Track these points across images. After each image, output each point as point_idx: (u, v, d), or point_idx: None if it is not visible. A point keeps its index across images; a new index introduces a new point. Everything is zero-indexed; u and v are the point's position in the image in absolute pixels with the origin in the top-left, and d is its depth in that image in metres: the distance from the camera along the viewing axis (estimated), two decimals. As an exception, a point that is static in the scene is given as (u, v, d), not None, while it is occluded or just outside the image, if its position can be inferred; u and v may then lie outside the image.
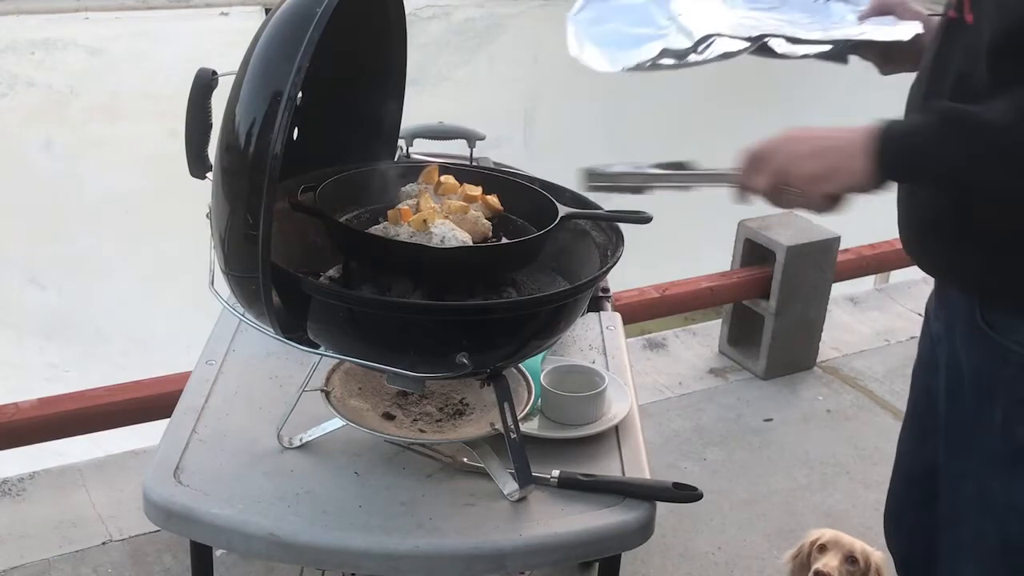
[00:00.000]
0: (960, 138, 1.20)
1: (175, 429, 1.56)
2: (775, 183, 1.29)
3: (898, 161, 1.24)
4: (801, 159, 1.26)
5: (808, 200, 1.28)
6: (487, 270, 1.47)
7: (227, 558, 2.27)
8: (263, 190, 1.27)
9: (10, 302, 4.47)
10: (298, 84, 1.27)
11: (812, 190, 1.27)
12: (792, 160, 1.27)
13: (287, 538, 1.38)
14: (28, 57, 5.42)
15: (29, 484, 2.62)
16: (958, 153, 1.20)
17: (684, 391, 3.24)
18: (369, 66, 1.63)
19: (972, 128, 1.20)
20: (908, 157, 1.24)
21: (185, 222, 1.80)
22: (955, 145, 1.20)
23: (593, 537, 1.42)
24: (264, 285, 1.31)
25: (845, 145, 1.24)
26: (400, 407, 1.56)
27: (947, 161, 1.22)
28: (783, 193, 1.29)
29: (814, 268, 3.28)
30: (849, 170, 1.24)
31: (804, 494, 2.76)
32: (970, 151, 1.20)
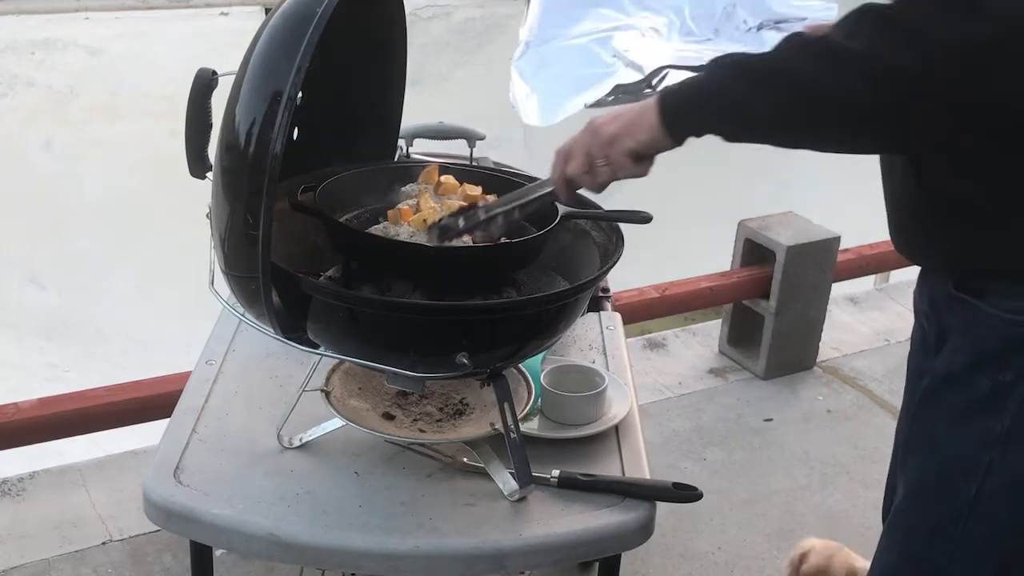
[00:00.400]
0: (728, 73, 1.25)
1: (175, 429, 1.56)
2: (584, 162, 1.34)
3: (678, 108, 1.29)
4: (599, 128, 1.32)
5: (615, 165, 1.32)
6: (487, 270, 1.47)
7: (227, 558, 2.27)
8: (263, 190, 1.27)
9: (10, 302, 4.47)
10: (298, 84, 1.27)
11: (615, 152, 1.31)
12: (593, 132, 1.33)
13: (287, 538, 1.38)
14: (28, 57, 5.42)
15: (29, 484, 2.62)
16: (727, 86, 1.25)
17: (684, 391, 3.24)
18: (370, 66, 1.63)
19: (736, 63, 1.25)
20: (686, 102, 1.29)
21: (185, 222, 1.80)
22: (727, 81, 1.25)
23: (593, 537, 1.42)
24: (264, 285, 1.31)
25: (638, 107, 1.30)
26: (400, 407, 1.56)
27: (721, 95, 1.26)
28: (595, 170, 1.33)
29: (814, 268, 3.28)
30: (641, 125, 1.29)
31: (804, 494, 2.76)
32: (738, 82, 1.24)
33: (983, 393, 1.39)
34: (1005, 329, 1.36)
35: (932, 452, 1.47)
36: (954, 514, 1.44)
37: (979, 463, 1.40)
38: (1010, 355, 1.37)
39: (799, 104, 1.23)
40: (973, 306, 1.39)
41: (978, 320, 1.39)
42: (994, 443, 1.39)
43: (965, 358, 1.42)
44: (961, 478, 1.42)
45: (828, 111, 1.23)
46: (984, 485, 1.40)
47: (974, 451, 1.41)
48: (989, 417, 1.39)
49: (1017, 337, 1.36)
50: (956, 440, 1.43)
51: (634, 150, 1.31)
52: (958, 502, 1.43)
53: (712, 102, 1.28)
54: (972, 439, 1.41)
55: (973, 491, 1.41)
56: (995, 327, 1.37)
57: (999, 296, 1.36)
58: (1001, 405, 1.38)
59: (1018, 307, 1.35)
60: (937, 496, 1.46)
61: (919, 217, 1.42)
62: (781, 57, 1.23)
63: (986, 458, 1.40)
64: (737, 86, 1.25)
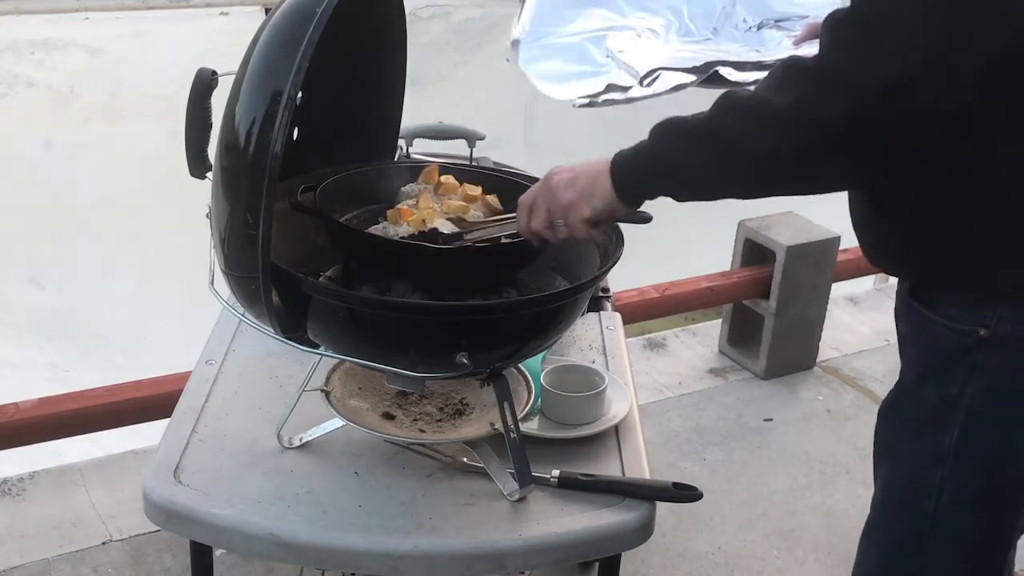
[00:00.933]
0: (670, 140, 1.28)
1: (175, 429, 1.56)
2: (546, 219, 1.37)
3: (629, 174, 1.32)
4: (558, 191, 1.35)
5: (572, 229, 1.36)
6: (487, 270, 1.47)
7: (227, 558, 2.27)
8: (263, 190, 1.27)
9: (10, 302, 4.47)
10: (298, 84, 1.27)
11: (572, 218, 1.35)
12: (551, 195, 1.36)
13: (287, 538, 1.38)
14: (28, 57, 5.42)
15: (29, 484, 2.62)
16: (671, 152, 1.29)
17: (684, 391, 3.24)
18: (370, 66, 1.63)
19: (676, 129, 1.28)
20: (635, 169, 1.32)
21: (185, 222, 1.80)
22: (668, 146, 1.29)
23: (593, 537, 1.42)
24: (264, 285, 1.31)
25: (592, 171, 1.34)
26: (400, 407, 1.56)
27: (664, 164, 1.30)
28: (555, 228, 1.37)
29: (814, 268, 3.28)
30: (595, 192, 1.33)
31: (804, 494, 2.76)
32: (682, 146, 1.28)
33: (931, 407, 1.40)
34: (950, 338, 1.36)
35: (892, 467, 1.49)
36: (916, 529, 1.45)
37: (933, 479, 1.41)
38: (954, 366, 1.37)
39: (736, 165, 1.27)
40: (922, 314, 1.40)
41: (926, 329, 1.40)
42: (944, 458, 1.40)
43: (914, 370, 1.43)
44: (919, 494, 1.43)
45: (766, 169, 1.25)
46: (941, 500, 1.41)
47: (928, 467, 1.41)
48: (938, 432, 1.40)
49: (961, 347, 1.36)
50: (911, 456, 1.44)
51: (590, 218, 1.35)
52: (919, 517, 1.44)
53: (657, 170, 1.31)
54: (925, 455, 1.42)
55: (932, 506, 1.42)
56: (940, 336, 1.37)
57: (945, 305, 1.37)
58: (948, 419, 1.38)
59: (962, 315, 1.35)
60: (900, 511, 1.48)
61: (871, 228, 1.44)
62: (715, 120, 1.26)
63: (939, 473, 1.41)
64: (677, 152, 1.29)
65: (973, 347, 1.35)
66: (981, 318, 1.34)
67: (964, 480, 1.41)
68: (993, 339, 1.33)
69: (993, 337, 1.33)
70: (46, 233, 4.68)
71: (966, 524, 1.43)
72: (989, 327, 1.33)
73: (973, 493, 1.41)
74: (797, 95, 1.19)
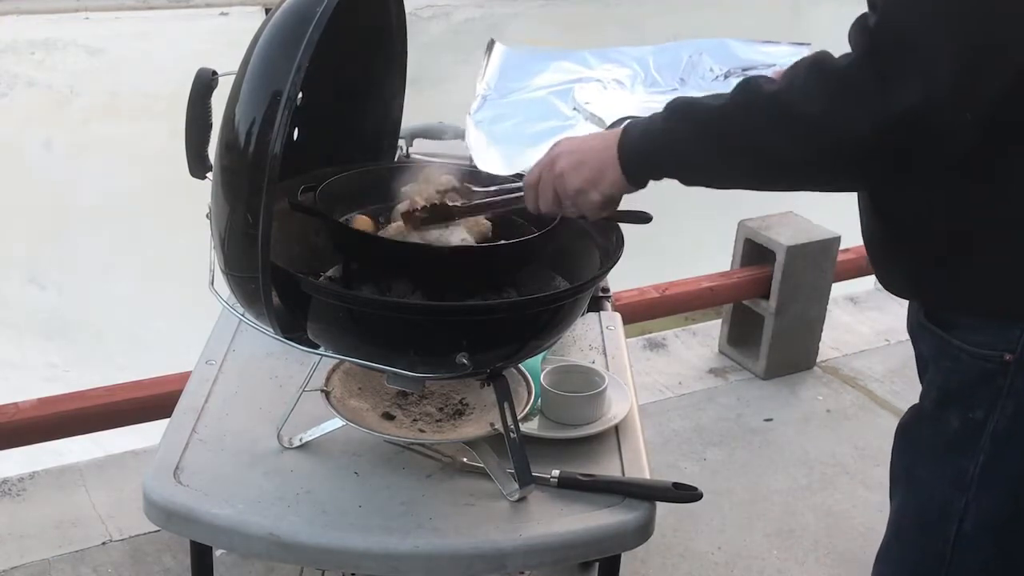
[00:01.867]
0: (683, 128, 1.25)
1: (175, 429, 1.56)
2: (554, 201, 1.36)
3: (638, 161, 1.29)
4: (564, 177, 1.33)
5: (584, 210, 1.35)
6: (487, 270, 1.47)
7: (227, 558, 2.27)
8: (263, 189, 1.27)
9: (10, 302, 4.47)
10: (298, 84, 1.26)
11: (581, 203, 1.34)
12: (557, 180, 1.34)
13: (287, 538, 1.38)
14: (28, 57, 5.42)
15: (29, 484, 2.62)
16: (683, 141, 1.25)
17: (684, 391, 3.24)
18: (370, 66, 1.63)
19: (691, 116, 1.24)
20: (645, 157, 1.29)
21: (185, 222, 1.80)
22: (680, 135, 1.25)
23: (593, 537, 1.42)
24: (264, 285, 1.31)
25: (598, 156, 1.31)
26: (400, 407, 1.56)
27: (676, 151, 1.27)
28: (565, 210, 1.37)
29: (814, 268, 3.28)
30: (604, 180, 1.31)
31: (804, 494, 2.76)
32: (692, 138, 1.24)
33: (954, 431, 1.36)
34: (972, 363, 1.33)
35: (910, 492, 1.45)
36: (936, 556, 1.41)
37: (956, 505, 1.37)
38: (978, 391, 1.33)
39: (747, 161, 1.24)
40: (942, 338, 1.36)
41: (946, 353, 1.36)
42: (968, 484, 1.36)
43: (935, 394, 1.39)
44: (939, 520, 1.39)
45: (778, 170, 1.23)
46: (963, 527, 1.37)
47: (950, 493, 1.37)
48: (962, 457, 1.36)
49: (984, 372, 1.32)
50: (931, 481, 1.40)
51: (600, 203, 1.34)
52: (939, 544, 1.40)
53: (666, 154, 1.28)
54: (947, 480, 1.37)
55: (952, 533, 1.38)
56: (962, 361, 1.34)
57: (966, 330, 1.33)
58: (972, 444, 1.35)
59: (985, 342, 1.31)
60: (918, 537, 1.44)
61: (887, 251, 1.41)
62: (734, 117, 1.21)
63: (962, 500, 1.36)
64: (691, 144, 1.25)
65: (998, 372, 1.30)
66: (1006, 342, 1.29)
67: (989, 506, 1.36)
68: (1019, 363, 1.29)
69: (1019, 361, 1.29)
70: (46, 233, 4.68)
71: (991, 551, 1.39)
72: (1014, 352, 1.29)
73: (999, 519, 1.37)
74: (823, 105, 1.15)
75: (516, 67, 1.69)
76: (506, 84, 1.64)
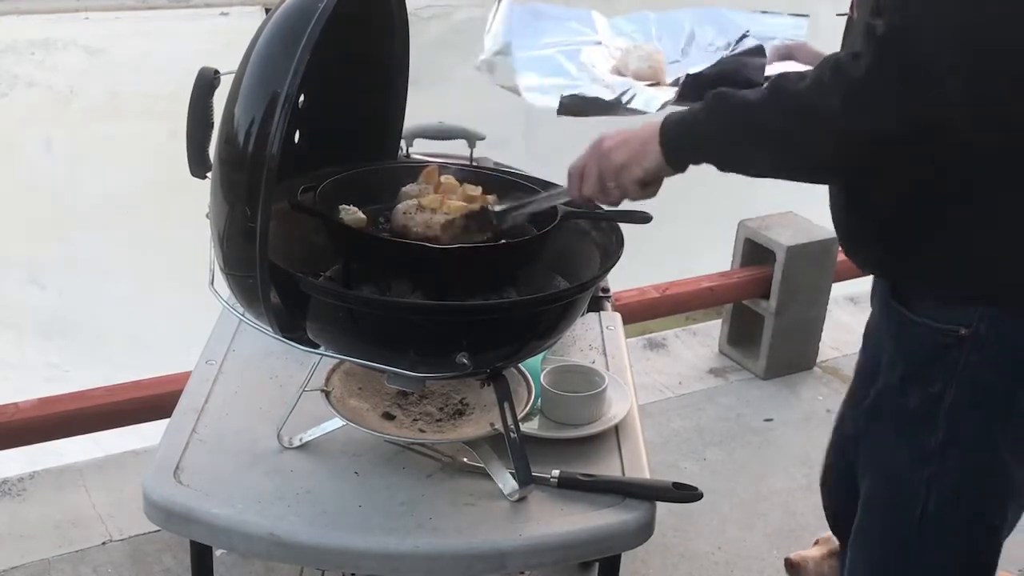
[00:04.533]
0: (721, 117, 1.32)
1: (175, 429, 1.56)
2: (598, 184, 1.40)
3: (678, 143, 1.36)
4: (609, 154, 1.39)
5: (625, 190, 1.40)
6: (487, 270, 1.47)
7: (227, 558, 2.27)
8: (261, 188, 1.27)
9: (10, 302, 4.47)
10: (296, 82, 1.27)
11: (624, 180, 1.39)
12: (602, 158, 1.39)
13: (287, 538, 1.38)
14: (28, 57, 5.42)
15: (29, 484, 2.62)
16: (720, 130, 1.33)
17: (684, 391, 3.24)
18: (372, 66, 1.63)
19: (730, 107, 1.32)
20: (685, 139, 1.36)
21: (185, 222, 1.80)
22: (717, 123, 1.33)
23: (593, 537, 1.42)
24: (262, 283, 1.31)
25: (642, 135, 1.37)
26: (400, 407, 1.56)
27: (714, 138, 1.34)
28: (607, 192, 1.41)
29: (814, 268, 3.28)
30: (647, 155, 1.37)
31: (804, 494, 2.76)
32: (729, 127, 1.32)
33: (915, 407, 1.41)
34: (931, 338, 1.38)
35: (878, 470, 1.49)
36: (906, 529, 1.45)
37: (920, 479, 1.42)
38: (935, 366, 1.38)
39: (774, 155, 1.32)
40: (903, 315, 1.41)
41: (907, 329, 1.41)
42: (931, 458, 1.41)
43: (897, 371, 1.44)
44: (907, 496, 1.44)
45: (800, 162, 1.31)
46: (929, 501, 1.42)
47: (914, 468, 1.42)
48: (923, 432, 1.41)
49: (941, 347, 1.37)
50: (897, 457, 1.45)
51: (642, 178, 1.38)
52: (907, 518, 1.45)
53: (704, 141, 1.35)
54: (910, 456, 1.43)
55: (919, 508, 1.43)
56: (922, 335, 1.39)
57: (926, 307, 1.39)
58: (932, 419, 1.40)
59: (943, 316, 1.37)
60: (888, 514, 1.48)
61: (852, 228, 1.47)
62: (762, 108, 1.29)
63: (926, 474, 1.41)
64: (724, 133, 1.33)
65: (953, 346, 1.37)
66: (963, 318, 1.36)
67: (950, 480, 1.41)
68: (974, 338, 1.35)
69: (974, 336, 1.35)
70: (46, 233, 4.68)
71: (954, 523, 1.44)
72: (970, 327, 1.35)
73: (959, 492, 1.42)
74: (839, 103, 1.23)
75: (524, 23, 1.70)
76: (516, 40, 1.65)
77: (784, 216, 3.37)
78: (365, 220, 1.49)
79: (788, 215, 3.37)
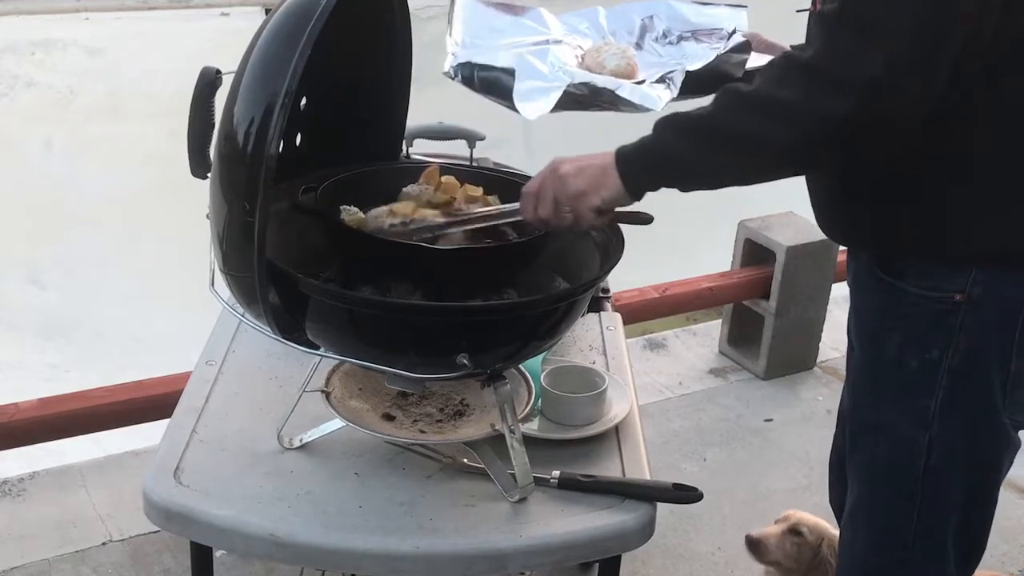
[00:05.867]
0: (680, 136, 1.33)
1: (175, 429, 1.56)
2: (553, 208, 1.40)
3: (634, 171, 1.36)
4: (566, 180, 1.38)
5: (579, 216, 1.40)
6: (487, 271, 1.47)
7: (227, 558, 2.27)
8: (259, 187, 1.27)
9: (10, 302, 4.47)
10: (296, 81, 1.26)
11: (580, 206, 1.39)
12: (559, 184, 1.39)
13: (287, 538, 1.38)
14: (28, 57, 5.42)
15: (29, 484, 2.62)
16: (682, 148, 1.34)
17: (684, 391, 3.24)
18: (375, 68, 1.63)
19: (685, 125, 1.33)
20: (642, 164, 1.36)
21: (185, 222, 1.80)
22: (678, 142, 1.34)
23: (593, 537, 1.42)
24: (259, 282, 1.31)
25: (599, 163, 1.37)
26: (400, 408, 1.56)
27: (677, 156, 1.35)
28: (561, 216, 1.40)
29: (814, 268, 3.28)
30: (605, 185, 1.37)
31: (804, 494, 2.76)
32: (692, 142, 1.33)
33: (913, 373, 1.45)
34: (927, 306, 1.42)
35: (876, 438, 1.52)
36: (907, 495, 1.49)
37: (920, 443, 1.46)
38: (933, 332, 1.42)
39: (740, 158, 1.33)
40: (896, 287, 1.44)
41: (902, 301, 1.44)
42: (930, 422, 1.45)
43: (894, 340, 1.47)
44: (907, 460, 1.48)
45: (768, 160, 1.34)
46: (929, 463, 1.46)
47: (914, 432, 1.46)
48: (922, 396, 1.45)
49: (938, 314, 1.41)
50: (896, 423, 1.48)
51: (598, 207, 1.39)
52: (908, 483, 1.49)
53: (663, 164, 1.36)
54: (909, 420, 1.46)
55: (920, 470, 1.47)
56: (915, 304, 1.43)
57: (920, 276, 1.42)
58: (931, 383, 1.44)
59: (937, 285, 1.40)
60: (888, 481, 1.51)
61: (836, 198, 1.49)
62: (720, 116, 1.32)
63: (926, 437, 1.46)
64: (683, 147, 1.34)
65: (949, 311, 1.40)
66: (956, 283, 1.39)
67: (951, 439, 1.45)
68: (968, 302, 1.39)
69: (968, 300, 1.39)
70: (46, 233, 4.68)
71: (955, 483, 1.48)
72: (964, 291, 1.39)
73: (960, 450, 1.46)
74: (799, 92, 1.26)
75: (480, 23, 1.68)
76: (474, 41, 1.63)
77: (784, 216, 3.37)
78: (365, 220, 1.49)
79: (788, 215, 3.37)
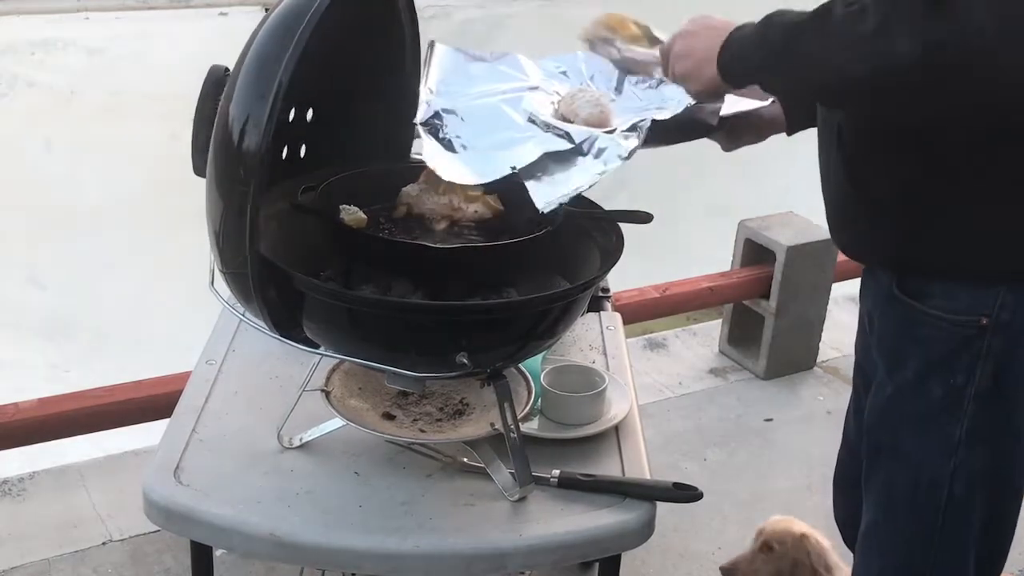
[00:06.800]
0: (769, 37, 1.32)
1: (175, 429, 1.56)
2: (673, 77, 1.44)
3: (731, 66, 1.36)
4: (677, 59, 1.42)
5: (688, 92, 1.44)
6: (487, 270, 1.47)
7: (227, 558, 2.27)
8: (252, 182, 1.27)
9: (10, 302, 4.46)
10: (287, 75, 1.27)
11: (685, 87, 1.43)
12: (674, 59, 1.43)
13: (287, 538, 1.38)
14: (28, 57, 5.41)
15: (29, 484, 2.62)
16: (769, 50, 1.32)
17: (684, 391, 3.24)
18: (380, 66, 1.63)
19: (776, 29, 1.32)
20: (737, 61, 1.36)
21: (185, 222, 1.80)
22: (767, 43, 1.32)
23: (593, 537, 1.42)
24: (253, 277, 1.31)
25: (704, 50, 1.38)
26: (400, 407, 1.56)
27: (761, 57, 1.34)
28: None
29: (814, 268, 3.28)
30: (702, 76, 1.39)
31: (804, 494, 2.76)
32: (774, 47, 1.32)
33: (937, 399, 1.41)
34: (951, 331, 1.38)
35: (897, 465, 1.48)
36: (929, 523, 1.46)
37: (944, 470, 1.42)
38: (958, 357, 1.38)
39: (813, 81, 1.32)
40: (916, 309, 1.40)
41: (923, 323, 1.40)
42: (955, 448, 1.41)
43: (915, 364, 1.43)
44: (930, 488, 1.44)
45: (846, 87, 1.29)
46: (953, 491, 1.43)
47: (938, 459, 1.42)
48: (947, 424, 1.41)
49: (963, 338, 1.37)
50: (919, 451, 1.44)
51: (698, 92, 1.43)
52: (930, 511, 1.45)
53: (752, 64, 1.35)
54: (934, 448, 1.43)
55: (944, 498, 1.43)
56: (940, 329, 1.39)
57: (941, 298, 1.38)
58: (956, 409, 1.40)
59: (961, 308, 1.37)
60: (910, 508, 1.48)
61: (854, 217, 1.46)
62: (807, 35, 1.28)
63: (950, 464, 1.42)
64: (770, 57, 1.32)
65: (975, 336, 1.36)
66: (981, 306, 1.36)
67: (976, 466, 1.42)
68: (995, 326, 1.35)
69: (995, 324, 1.35)
70: (46, 233, 4.68)
71: (978, 509, 1.45)
72: (991, 314, 1.35)
73: (984, 477, 1.43)
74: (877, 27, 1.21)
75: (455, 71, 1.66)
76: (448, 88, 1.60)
77: (784, 216, 3.37)
78: (366, 220, 1.49)
79: (788, 215, 3.38)
